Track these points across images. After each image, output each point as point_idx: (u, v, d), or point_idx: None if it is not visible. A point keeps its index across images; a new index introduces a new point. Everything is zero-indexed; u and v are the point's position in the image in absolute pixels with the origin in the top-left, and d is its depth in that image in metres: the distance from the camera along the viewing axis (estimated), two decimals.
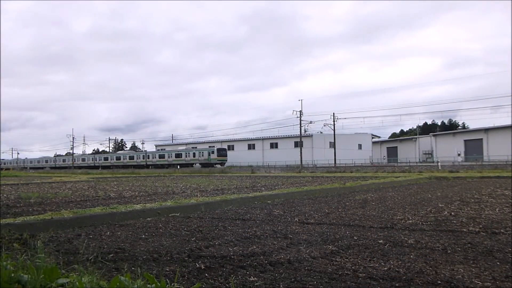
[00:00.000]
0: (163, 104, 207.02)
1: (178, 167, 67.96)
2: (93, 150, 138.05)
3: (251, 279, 4.12)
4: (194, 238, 6.26)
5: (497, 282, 3.87)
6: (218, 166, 63.76)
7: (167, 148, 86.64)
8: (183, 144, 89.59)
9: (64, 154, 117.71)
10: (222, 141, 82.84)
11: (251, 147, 77.46)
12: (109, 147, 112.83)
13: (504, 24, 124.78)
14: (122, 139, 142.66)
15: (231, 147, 78.70)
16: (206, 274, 4.29)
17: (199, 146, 79.55)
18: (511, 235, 6.13)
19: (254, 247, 5.57)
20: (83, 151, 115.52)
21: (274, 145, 74.33)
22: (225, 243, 5.87)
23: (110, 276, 4.06)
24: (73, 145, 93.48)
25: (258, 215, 8.83)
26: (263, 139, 76.64)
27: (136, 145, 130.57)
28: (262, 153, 74.83)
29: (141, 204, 9.92)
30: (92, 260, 4.78)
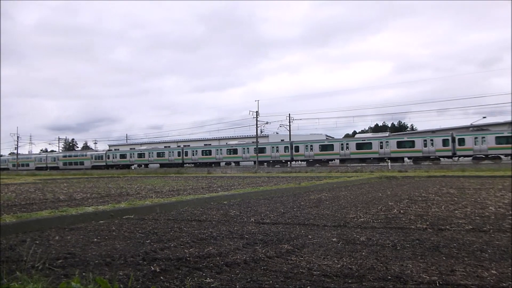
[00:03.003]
0: (118, 103, 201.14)
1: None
2: (41, 150, 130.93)
3: (207, 280, 4.09)
4: (149, 241, 6.13)
5: (443, 276, 4.09)
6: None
7: (212, 143, 76.97)
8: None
9: (7, 154, 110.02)
10: (177, 141, 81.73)
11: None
12: (58, 146, 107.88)
13: (452, 32, 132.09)
14: (73, 139, 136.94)
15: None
16: (162, 277, 4.21)
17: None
18: (456, 231, 6.49)
19: (210, 248, 5.53)
20: (29, 151, 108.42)
21: None
22: (180, 244, 5.79)
23: (58, 283, 3.88)
24: (17, 145, 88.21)
25: (214, 216, 8.78)
26: (219, 139, 76.39)
27: (88, 145, 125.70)
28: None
29: (93, 207, 9.57)
30: (39, 268, 4.55)
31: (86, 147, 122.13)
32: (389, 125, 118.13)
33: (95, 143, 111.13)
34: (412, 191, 14.52)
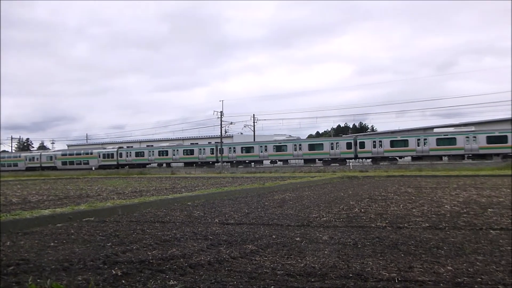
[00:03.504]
0: (77, 101, 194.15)
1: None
2: (29, 146, 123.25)
3: (170, 283, 4.03)
4: (110, 243, 5.96)
5: (402, 273, 4.23)
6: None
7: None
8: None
9: None
10: (141, 141, 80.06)
11: None
12: (11, 146, 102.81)
13: (411, 36, 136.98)
14: (28, 138, 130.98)
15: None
16: (123, 281, 4.11)
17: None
18: (413, 229, 6.74)
19: (174, 250, 5.46)
20: None
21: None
22: (143, 247, 5.68)
23: None
24: None
25: (178, 217, 8.68)
26: (183, 139, 75.54)
27: (45, 144, 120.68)
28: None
29: (50, 209, 9.20)
30: None
31: (42, 147, 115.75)
32: (351, 126, 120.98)
33: (52, 143, 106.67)
34: (372, 190, 14.94)
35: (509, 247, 5.23)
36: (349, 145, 50.51)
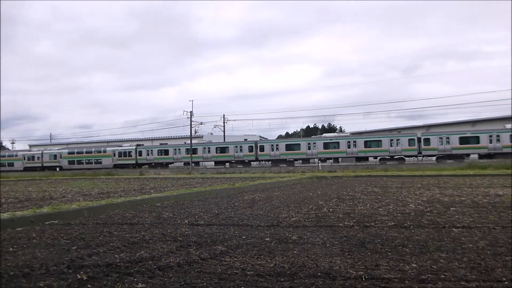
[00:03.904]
0: (41, 100, 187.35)
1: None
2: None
3: (138, 286, 3.96)
4: (75, 247, 5.79)
5: (369, 271, 4.33)
6: None
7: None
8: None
9: None
10: (108, 141, 78.21)
11: None
12: None
13: (378, 40, 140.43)
14: None
15: None
16: (89, 285, 4.00)
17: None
18: (380, 227, 6.90)
19: (142, 252, 5.37)
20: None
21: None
22: (110, 249, 5.55)
23: None
24: None
25: (146, 219, 8.54)
26: (152, 139, 74.38)
27: (4, 144, 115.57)
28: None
29: (9, 212, 8.83)
30: None
31: (1, 147, 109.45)
32: (320, 127, 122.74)
33: (12, 143, 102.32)
34: (340, 190, 15.20)
35: (471, 244, 5.45)
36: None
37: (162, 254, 5.20)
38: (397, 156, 47.50)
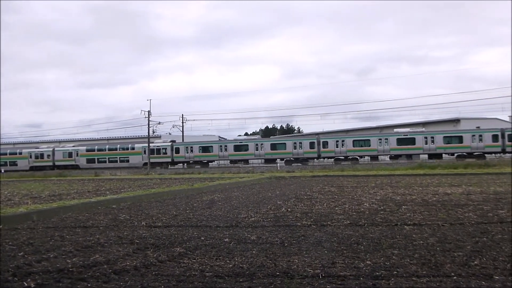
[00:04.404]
0: None
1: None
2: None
3: None
4: (22, 253, 5.50)
5: (325, 269, 4.43)
6: None
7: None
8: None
9: None
10: (60, 141, 75.07)
11: None
12: None
13: (334, 43, 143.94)
14: None
15: None
16: None
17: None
18: (336, 226, 7.08)
19: (97, 256, 5.20)
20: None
21: None
22: (62, 254, 5.33)
23: None
24: None
25: (101, 221, 8.27)
26: (108, 139, 72.16)
27: None
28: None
29: None
30: None
31: None
32: (279, 128, 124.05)
33: None
34: (298, 190, 15.44)
35: (421, 241, 5.70)
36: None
37: (118, 258, 5.06)
38: (479, 153, 43.02)
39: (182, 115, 61.00)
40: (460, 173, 24.17)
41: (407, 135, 45.29)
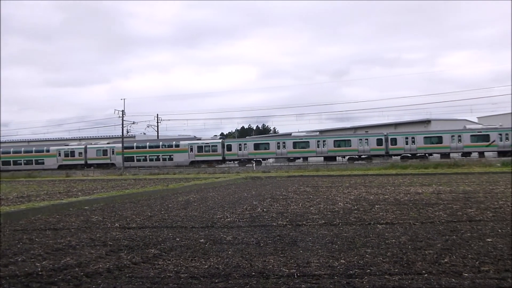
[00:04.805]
0: None
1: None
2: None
3: None
4: None
5: (301, 268, 4.46)
6: None
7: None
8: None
9: None
10: (29, 141, 72.84)
11: None
12: None
13: (309, 44, 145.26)
14: None
15: None
16: None
17: None
18: (311, 226, 7.14)
19: (68, 258, 5.07)
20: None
21: None
22: (31, 258, 5.17)
23: None
24: None
25: (73, 223, 8.07)
26: (80, 139, 70.50)
27: None
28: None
29: None
30: None
31: None
32: (254, 128, 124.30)
33: None
34: (274, 190, 15.51)
35: (393, 239, 5.82)
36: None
37: (90, 260, 4.95)
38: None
39: (157, 114, 60.30)
40: (430, 173, 24.82)
41: (481, 131, 43.37)
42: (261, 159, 47.97)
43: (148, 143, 53.22)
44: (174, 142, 51.03)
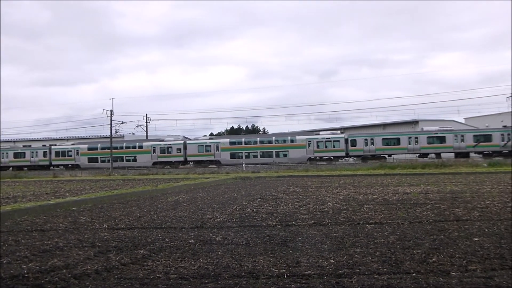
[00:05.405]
0: None
1: None
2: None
3: None
4: None
5: (290, 268, 4.47)
6: None
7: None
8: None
9: None
10: (15, 141, 71.83)
11: None
12: None
13: (297, 45, 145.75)
14: None
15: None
16: None
17: None
18: (301, 226, 7.16)
19: (55, 260, 5.00)
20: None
21: None
22: (17, 259, 5.09)
23: None
24: None
25: (60, 224, 7.97)
26: (68, 139, 69.73)
27: None
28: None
29: None
30: None
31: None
32: (244, 128, 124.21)
33: None
34: (264, 190, 15.51)
35: (382, 239, 5.87)
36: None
37: (78, 262, 4.90)
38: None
39: (146, 114, 59.92)
40: (418, 173, 25.07)
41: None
42: (390, 155, 45.27)
43: (253, 139, 50.13)
44: (289, 137, 47.64)
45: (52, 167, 52.36)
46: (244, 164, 42.84)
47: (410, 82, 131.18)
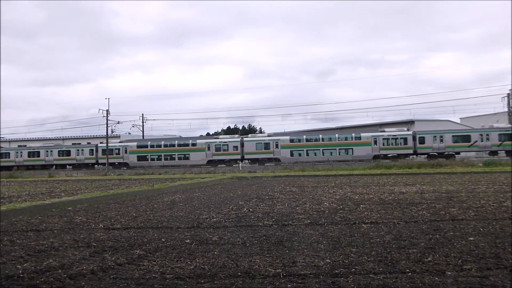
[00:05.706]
0: None
1: None
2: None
3: None
4: None
5: (286, 268, 4.47)
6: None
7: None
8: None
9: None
10: (10, 140, 71.45)
11: None
12: None
13: (294, 45, 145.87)
14: None
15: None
16: None
17: None
18: (297, 225, 7.16)
19: (51, 260, 4.98)
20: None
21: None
22: (11, 260, 5.07)
23: None
24: None
25: (56, 224, 7.94)
26: (63, 139, 69.46)
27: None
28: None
29: None
30: None
31: None
32: (240, 128, 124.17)
33: None
34: (260, 190, 15.52)
35: (378, 239, 5.88)
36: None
37: (74, 262, 4.88)
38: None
39: (143, 114, 59.79)
40: (414, 172, 25.15)
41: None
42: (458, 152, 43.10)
43: (322, 135, 47.68)
44: (353, 134, 46.06)
45: (97, 165, 50.33)
46: (304, 163, 41.23)
47: (405, 82, 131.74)
